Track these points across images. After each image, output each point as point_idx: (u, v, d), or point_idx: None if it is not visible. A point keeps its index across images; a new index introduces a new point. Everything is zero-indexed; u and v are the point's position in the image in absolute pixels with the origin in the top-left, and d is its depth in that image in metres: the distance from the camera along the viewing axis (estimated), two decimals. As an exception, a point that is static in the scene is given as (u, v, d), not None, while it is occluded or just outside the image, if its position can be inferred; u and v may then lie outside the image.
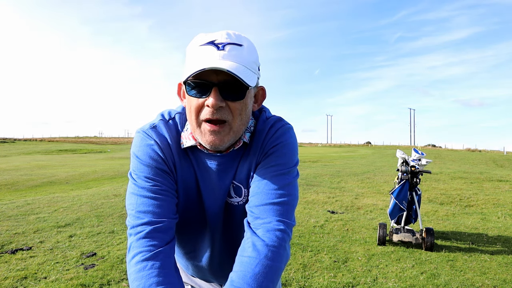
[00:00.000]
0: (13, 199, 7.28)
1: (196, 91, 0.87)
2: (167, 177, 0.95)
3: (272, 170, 0.95)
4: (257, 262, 0.83)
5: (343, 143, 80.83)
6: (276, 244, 0.86)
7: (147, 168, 0.93)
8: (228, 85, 0.86)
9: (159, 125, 0.97)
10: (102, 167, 15.38)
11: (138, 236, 0.88)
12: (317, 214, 5.88)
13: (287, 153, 0.96)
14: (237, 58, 0.85)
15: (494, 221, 5.85)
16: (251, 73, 0.87)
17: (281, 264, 0.86)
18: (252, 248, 0.85)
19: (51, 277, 3.16)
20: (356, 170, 12.84)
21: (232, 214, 1.05)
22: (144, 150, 0.94)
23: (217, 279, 1.23)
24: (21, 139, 63.35)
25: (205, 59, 0.84)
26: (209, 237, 1.10)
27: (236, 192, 1.01)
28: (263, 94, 1.00)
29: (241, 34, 0.91)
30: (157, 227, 0.88)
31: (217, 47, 0.85)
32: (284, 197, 0.92)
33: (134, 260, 0.86)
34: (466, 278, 3.37)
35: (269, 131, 0.98)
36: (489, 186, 9.24)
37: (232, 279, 0.83)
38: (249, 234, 0.90)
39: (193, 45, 0.89)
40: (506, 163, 21.18)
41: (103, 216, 5.46)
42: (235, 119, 0.89)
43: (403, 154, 4.65)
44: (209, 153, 0.97)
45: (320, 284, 3.18)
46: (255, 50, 0.92)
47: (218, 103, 0.85)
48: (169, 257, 0.88)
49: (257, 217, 0.91)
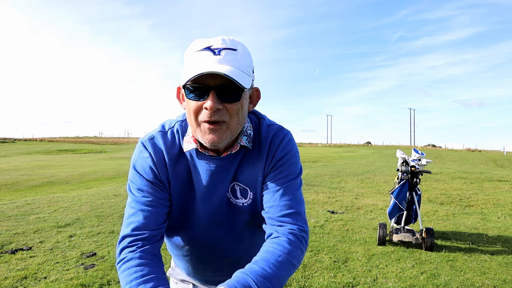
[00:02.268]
0: (13, 199, 7.29)
1: (194, 94, 0.92)
2: (158, 189, 1.01)
3: (285, 180, 1.02)
4: (280, 253, 0.90)
5: (343, 143, 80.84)
6: (298, 246, 0.95)
7: (140, 180, 1.01)
8: (225, 88, 0.91)
9: (156, 137, 1.04)
10: (102, 167, 15.38)
11: (121, 246, 0.96)
12: (317, 214, 5.88)
13: (294, 162, 1.04)
14: (233, 62, 0.90)
15: (494, 221, 5.85)
16: (246, 76, 0.92)
17: (298, 263, 0.94)
18: (278, 243, 0.93)
19: (51, 277, 3.16)
20: (356, 170, 12.85)
21: (235, 214, 1.08)
22: (140, 162, 1.02)
23: (218, 280, 1.23)
24: (21, 139, 63.32)
25: (202, 64, 0.89)
26: (209, 238, 1.10)
27: (242, 193, 1.06)
28: (257, 95, 1.06)
29: (235, 39, 0.96)
30: (138, 238, 0.96)
31: (213, 52, 0.90)
32: (298, 204, 1.01)
33: (117, 267, 0.95)
34: (466, 278, 3.37)
35: (274, 140, 1.04)
36: (489, 186, 9.24)
37: (256, 259, 0.89)
38: (275, 234, 0.97)
39: (190, 51, 0.94)
40: (506, 163, 21.19)
41: (103, 216, 5.47)
42: (232, 119, 0.94)
43: (403, 154, 4.65)
44: (209, 156, 1.02)
45: (320, 284, 3.18)
46: (249, 54, 0.97)
47: (216, 105, 0.90)
48: (153, 254, 0.95)
49: (279, 224, 0.98)
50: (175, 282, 1.30)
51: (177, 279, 1.29)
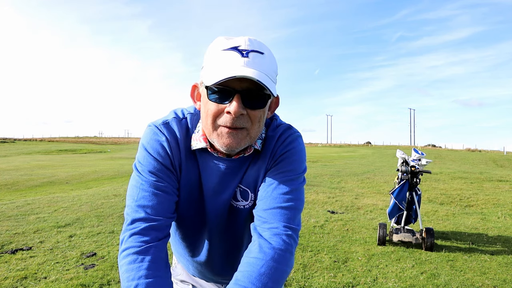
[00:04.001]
0: (13, 199, 7.28)
1: (217, 96, 0.86)
2: (171, 175, 0.95)
3: (281, 176, 0.96)
4: (263, 263, 0.84)
5: (343, 143, 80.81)
6: (283, 247, 0.87)
7: (153, 163, 0.93)
8: (251, 93, 0.85)
9: (171, 123, 0.97)
10: (102, 167, 15.38)
11: (132, 231, 0.88)
12: (317, 214, 5.88)
13: (296, 160, 0.99)
14: (261, 67, 0.84)
15: (494, 221, 5.84)
16: (272, 83, 0.87)
17: (286, 267, 0.87)
18: (259, 250, 0.86)
19: (51, 277, 3.16)
20: (356, 170, 12.84)
21: (236, 217, 1.05)
22: (154, 144, 0.94)
23: (217, 280, 1.23)
24: (21, 139, 63.30)
25: (230, 65, 0.83)
26: (209, 238, 1.10)
27: (243, 195, 1.02)
28: (276, 102, 1.00)
29: (261, 41, 0.90)
30: (152, 224, 0.89)
31: (241, 53, 0.84)
32: (291, 202, 0.94)
33: (125, 253, 0.86)
34: (466, 278, 3.37)
35: (279, 138, 0.99)
36: (489, 186, 9.24)
37: (237, 277, 0.83)
38: (256, 236, 0.90)
39: (215, 49, 0.87)
40: (506, 163, 21.18)
41: (103, 216, 5.46)
42: (254, 126, 0.89)
43: (403, 154, 4.65)
44: (218, 157, 0.97)
45: (320, 284, 3.18)
46: (274, 59, 0.92)
47: (240, 110, 0.84)
48: (161, 252, 0.89)
49: (264, 221, 0.92)
50: (175, 283, 1.29)
51: (177, 279, 1.29)
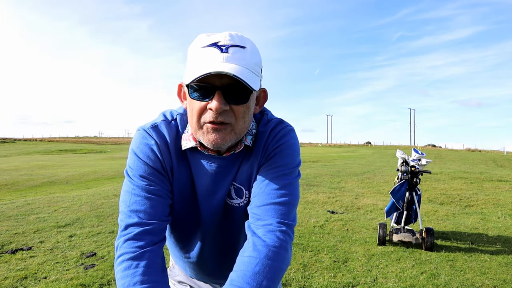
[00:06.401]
0: (13, 199, 7.28)
1: (198, 94, 0.86)
2: (162, 178, 0.94)
3: (274, 171, 0.95)
4: (257, 262, 0.83)
5: (343, 143, 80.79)
6: (277, 244, 0.86)
7: (144, 167, 0.93)
8: (232, 89, 0.84)
9: (160, 125, 0.96)
10: (102, 167, 15.38)
11: (126, 237, 0.88)
12: (317, 214, 5.88)
13: (289, 154, 0.96)
14: (241, 61, 0.83)
15: (494, 221, 5.84)
16: (255, 76, 0.86)
17: (282, 264, 0.86)
18: (253, 248, 0.85)
19: (51, 277, 3.16)
20: (356, 170, 12.84)
21: (231, 215, 1.04)
22: (143, 148, 0.94)
23: (215, 281, 1.22)
24: (21, 139, 63.30)
25: (209, 61, 0.82)
26: (205, 239, 1.09)
27: (237, 193, 1.01)
28: (264, 96, 0.99)
29: (244, 35, 0.89)
30: (146, 229, 0.88)
31: (221, 49, 0.83)
32: (285, 197, 0.92)
33: (120, 259, 0.86)
34: (466, 278, 3.37)
35: (270, 133, 0.98)
36: (489, 186, 9.24)
37: (232, 278, 0.83)
38: (250, 234, 0.90)
39: (195, 47, 0.87)
40: (506, 163, 21.18)
41: (103, 216, 5.46)
42: (238, 121, 0.88)
43: (403, 154, 4.65)
44: (209, 155, 0.96)
45: (320, 284, 3.18)
46: (258, 52, 0.91)
47: (222, 107, 0.84)
48: (156, 256, 0.88)
49: (258, 218, 0.91)
50: (173, 284, 1.28)
51: (175, 281, 1.28)
